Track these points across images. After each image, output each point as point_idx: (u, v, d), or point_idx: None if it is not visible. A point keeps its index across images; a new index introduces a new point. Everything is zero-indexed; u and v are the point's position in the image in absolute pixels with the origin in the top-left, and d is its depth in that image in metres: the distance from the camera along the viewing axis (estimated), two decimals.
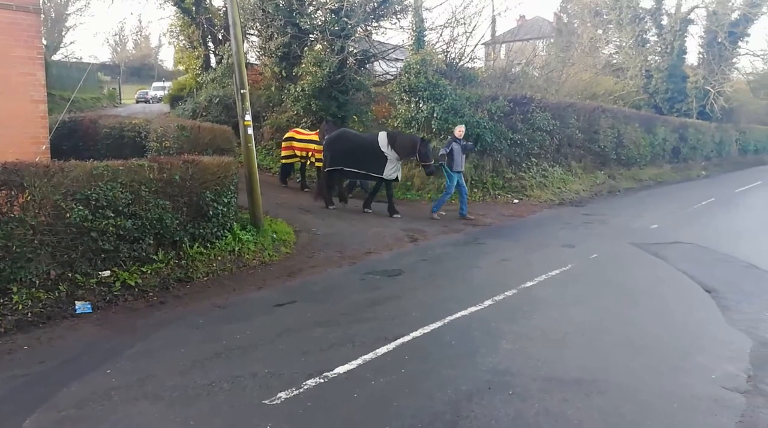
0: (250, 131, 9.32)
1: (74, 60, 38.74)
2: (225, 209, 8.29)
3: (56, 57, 37.64)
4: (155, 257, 7.33)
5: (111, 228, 6.78)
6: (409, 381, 4.69)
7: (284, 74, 17.86)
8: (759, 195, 18.35)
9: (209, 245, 8.06)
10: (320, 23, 16.72)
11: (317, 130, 13.91)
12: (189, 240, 7.80)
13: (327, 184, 12.48)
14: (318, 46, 17.08)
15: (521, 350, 5.35)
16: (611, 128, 20.21)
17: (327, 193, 12.46)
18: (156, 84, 44.20)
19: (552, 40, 32.25)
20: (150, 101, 38.31)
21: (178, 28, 23.60)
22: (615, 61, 31.59)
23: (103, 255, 6.81)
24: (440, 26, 17.76)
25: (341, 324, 5.95)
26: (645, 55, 29.86)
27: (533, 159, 16.25)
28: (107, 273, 6.82)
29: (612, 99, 25.81)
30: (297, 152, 14.32)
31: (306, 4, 17.25)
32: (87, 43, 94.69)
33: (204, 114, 18.46)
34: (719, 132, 29.44)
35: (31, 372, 4.83)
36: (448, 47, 17.50)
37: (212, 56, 23.28)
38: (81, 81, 19.93)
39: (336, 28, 15.84)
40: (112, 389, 4.50)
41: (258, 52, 20.26)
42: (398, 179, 12.25)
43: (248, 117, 9.25)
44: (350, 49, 16.49)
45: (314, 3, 17.57)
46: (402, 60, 18.18)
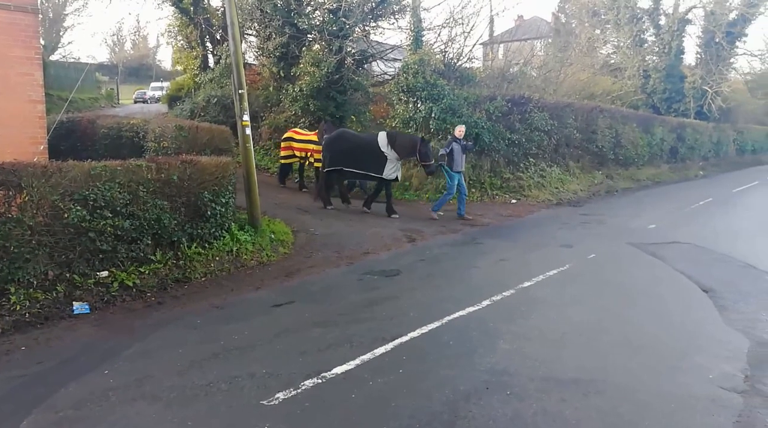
0: (248, 131, 9.33)
1: (72, 60, 38.81)
2: (223, 209, 8.30)
3: (54, 57, 37.64)
4: (153, 257, 7.33)
5: (109, 228, 6.77)
6: (407, 381, 4.69)
7: (282, 74, 17.85)
8: (756, 195, 18.39)
9: (207, 245, 8.06)
10: (318, 23, 16.72)
11: (316, 130, 13.91)
12: (187, 240, 7.79)
13: (326, 185, 12.50)
14: (316, 47, 17.07)
15: (519, 350, 5.36)
16: (609, 128, 20.24)
17: (325, 194, 12.47)
18: (154, 84, 44.23)
19: (550, 40, 32.25)
20: (148, 101, 38.31)
21: (176, 28, 23.59)
22: (613, 61, 31.67)
23: (101, 255, 6.81)
24: (438, 26, 17.82)
25: (339, 324, 5.95)
26: (643, 55, 29.93)
27: (531, 159, 16.27)
28: (105, 273, 6.81)
29: (610, 99, 25.84)
30: (296, 152, 14.31)
31: (304, 5, 17.24)
32: (85, 43, 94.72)
33: (202, 114, 18.45)
34: (717, 132, 29.51)
35: (29, 372, 4.83)
36: (446, 47, 17.54)
37: (210, 56, 23.28)
38: (79, 81, 19.94)
39: (334, 29, 15.84)
40: (110, 389, 4.50)
41: (256, 52, 20.24)
42: (398, 179, 12.26)
43: (246, 117, 9.26)
44: (348, 50, 16.49)
45: (312, 3, 17.57)
46: (400, 60, 18.17)
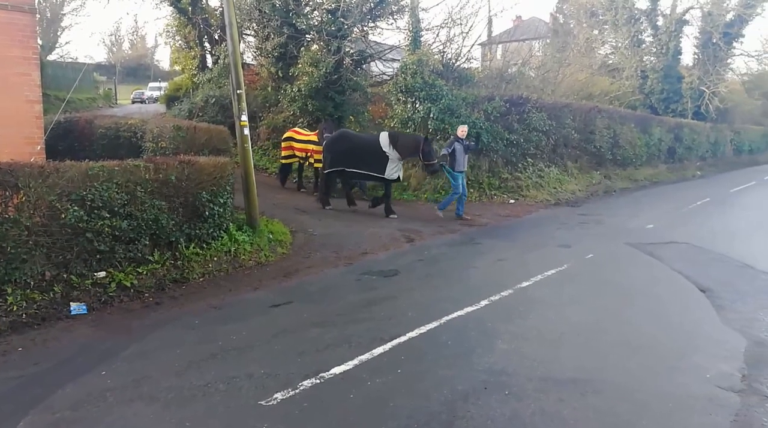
0: (247, 131, 9.32)
1: (70, 60, 38.76)
2: (221, 210, 8.29)
3: (52, 57, 37.56)
4: (151, 258, 7.32)
5: (106, 228, 6.76)
6: (406, 381, 4.69)
7: (281, 74, 17.83)
8: (753, 195, 18.41)
9: (205, 246, 8.05)
10: (317, 23, 16.70)
11: (316, 131, 13.89)
12: (185, 240, 7.78)
13: (326, 185, 12.50)
14: (314, 47, 17.06)
15: (517, 350, 5.36)
16: (607, 128, 20.26)
17: (324, 194, 12.48)
18: (152, 84, 44.23)
19: (548, 41, 32.30)
20: (146, 101, 38.30)
21: (175, 29, 23.57)
22: (611, 62, 31.72)
23: (99, 255, 6.79)
24: (437, 27, 17.78)
25: (337, 324, 5.95)
26: (640, 56, 29.98)
27: (529, 159, 16.28)
28: (102, 274, 6.80)
29: (608, 99, 25.88)
30: (296, 153, 14.30)
31: (302, 5, 17.23)
32: (83, 43, 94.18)
33: (200, 114, 18.44)
34: (714, 132, 29.55)
35: (26, 373, 4.82)
36: (445, 47, 17.52)
37: (209, 56, 23.27)
38: (77, 81, 19.89)
39: (332, 29, 15.84)
40: (108, 390, 4.48)
41: (254, 53, 20.23)
42: (399, 179, 12.27)
43: (244, 117, 9.25)
44: (347, 50, 16.48)
45: (311, 3, 17.56)
46: (398, 60, 18.18)
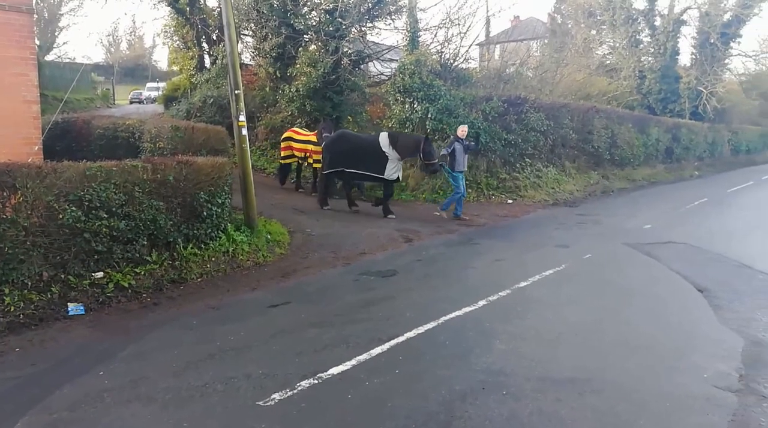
0: (245, 132, 9.31)
1: (67, 60, 38.52)
2: (219, 210, 8.28)
3: (49, 57, 37.40)
4: (149, 258, 7.31)
5: (104, 229, 6.75)
6: (404, 381, 4.69)
7: (279, 75, 17.82)
8: (751, 195, 18.44)
9: (203, 246, 8.04)
10: (315, 24, 16.71)
11: (315, 131, 13.88)
12: (183, 241, 7.78)
13: (325, 186, 12.50)
14: (312, 47, 17.06)
15: (515, 350, 5.36)
16: (605, 128, 20.28)
17: (322, 194, 12.47)
18: (150, 84, 44.13)
19: (546, 41, 32.31)
20: (144, 102, 38.22)
21: (172, 29, 23.55)
22: (608, 62, 31.72)
23: (96, 256, 6.78)
24: (435, 27, 17.78)
25: (335, 325, 5.95)
26: (638, 56, 30.01)
27: (527, 159, 16.28)
28: (100, 274, 6.79)
29: (605, 99, 25.87)
30: (295, 153, 14.29)
31: (300, 5, 17.22)
32: (80, 44, 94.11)
33: (198, 115, 18.40)
34: (712, 132, 29.59)
35: (23, 374, 4.81)
36: (443, 48, 17.54)
37: (206, 57, 23.25)
38: (74, 81, 19.80)
39: (330, 29, 15.84)
40: (105, 391, 4.48)
41: (252, 53, 20.22)
42: (399, 179, 12.26)
43: (242, 117, 9.25)
44: (345, 50, 16.48)
45: (309, 3, 17.55)
46: (396, 60, 18.19)
